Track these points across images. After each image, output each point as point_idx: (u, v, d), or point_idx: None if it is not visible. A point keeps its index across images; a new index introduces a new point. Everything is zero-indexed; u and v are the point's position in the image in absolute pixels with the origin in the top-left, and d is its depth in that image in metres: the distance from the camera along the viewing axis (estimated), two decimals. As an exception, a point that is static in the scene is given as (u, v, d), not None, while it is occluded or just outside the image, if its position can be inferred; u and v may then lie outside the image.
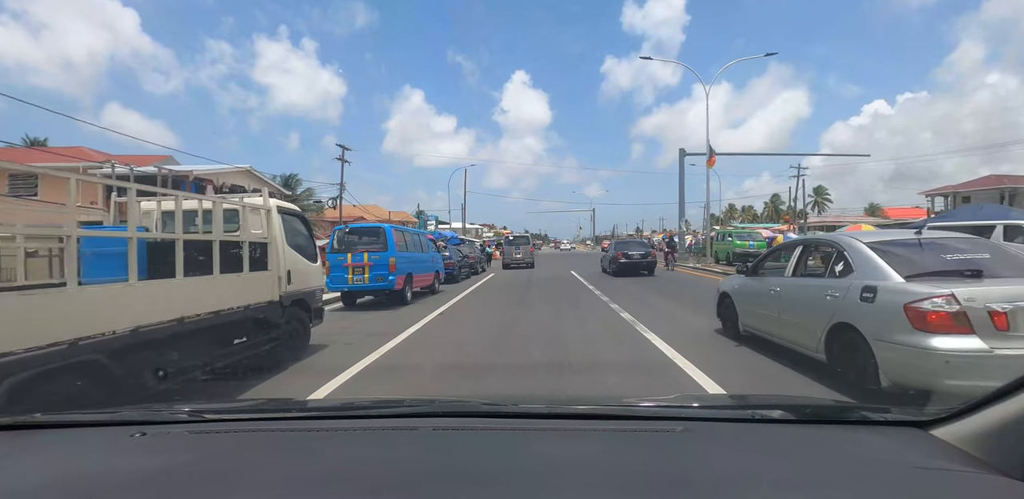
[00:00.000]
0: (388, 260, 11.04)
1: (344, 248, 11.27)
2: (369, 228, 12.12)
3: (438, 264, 14.74)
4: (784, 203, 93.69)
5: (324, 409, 1.64)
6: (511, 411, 1.39)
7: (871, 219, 60.37)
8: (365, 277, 10.97)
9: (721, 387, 4.49)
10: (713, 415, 1.36)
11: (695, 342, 6.52)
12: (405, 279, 11.53)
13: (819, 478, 0.92)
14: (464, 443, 1.15)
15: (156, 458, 1.07)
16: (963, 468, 0.92)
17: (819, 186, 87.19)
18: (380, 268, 11.00)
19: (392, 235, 11.45)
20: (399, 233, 12.10)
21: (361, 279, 10.99)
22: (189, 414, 1.40)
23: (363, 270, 10.99)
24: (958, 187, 42.51)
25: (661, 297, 12.37)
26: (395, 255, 11.18)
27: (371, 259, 10.98)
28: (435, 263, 14.33)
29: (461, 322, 9.04)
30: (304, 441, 1.19)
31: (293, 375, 5.38)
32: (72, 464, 1.07)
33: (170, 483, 0.94)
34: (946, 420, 1.09)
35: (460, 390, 4.79)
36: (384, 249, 11.16)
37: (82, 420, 1.37)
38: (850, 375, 4.09)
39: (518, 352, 6.28)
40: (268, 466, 1.02)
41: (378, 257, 11.02)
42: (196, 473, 0.99)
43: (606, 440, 1.14)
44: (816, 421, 1.25)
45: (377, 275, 10.96)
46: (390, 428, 1.29)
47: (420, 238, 13.95)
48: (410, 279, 11.90)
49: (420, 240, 13.83)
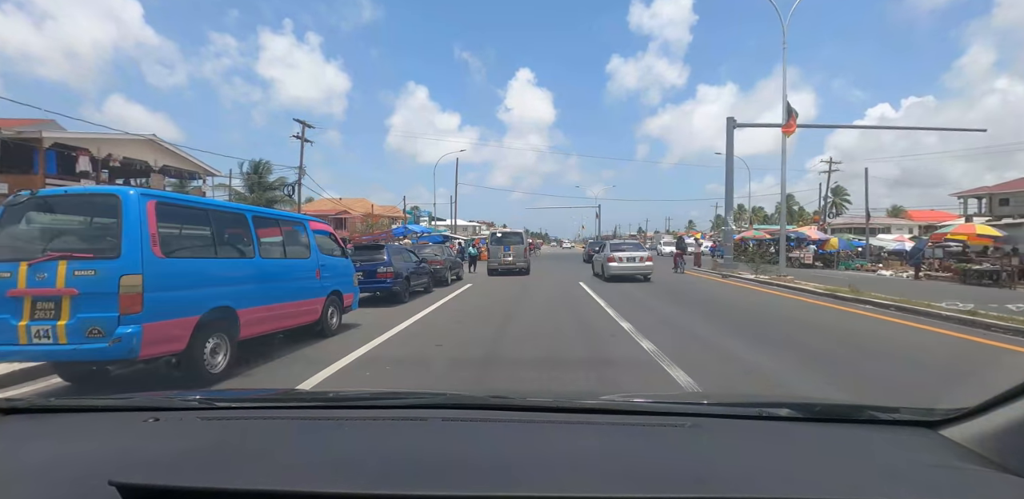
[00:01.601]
0: (118, 281, 4.19)
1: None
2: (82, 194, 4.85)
3: (341, 278, 7.80)
4: (798, 204, 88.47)
5: (334, 399, 1.56)
6: (519, 404, 1.36)
7: (895, 221, 55.14)
8: (55, 331, 4.13)
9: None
10: (721, 412, 1.33)
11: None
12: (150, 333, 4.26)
13: (828, 476, 0.92)
14: (473, 434, 1.16)
15: (169, 443, 1.09)
16: (974, 468, 0.92)
17: (838, 186, 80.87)
18: (95, 304, 4.17)
19: (135, 212, 4.34)
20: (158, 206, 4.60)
21: (46, 332, 4.15)
22: (200, 401, 1.39)
23: (53, 313, 4.17)
24: (993, 189, 40.23)
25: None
26: (141, 267, 4.29)
27: (75, 282, 4.16)
28: (328, 278, 7.38)
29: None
30: (314, 429, 1.19)
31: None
32: (87, 448, 1.08)
33: (182, 467, 0.94)
34: (956, 420, 1.08)
35: None
36: (114, 254, 4.29)
37: (97, 405, 1.39)
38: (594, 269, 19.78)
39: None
40: (278, 452, 1.04)
41: (94, 275, 4.19)
42: (208, 458, 0.99)
43: (614, 433, 1.15)
44: (825, 419, 1.23)
45: (89, 325, 4.13)
46: (400, 418, 1.25)
47: (291, 229, 6.97)
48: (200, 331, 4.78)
49: (291, 233, 6.91)
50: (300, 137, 33.91)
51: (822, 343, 6.79)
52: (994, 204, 39.93)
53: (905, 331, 7.67)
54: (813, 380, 4.95)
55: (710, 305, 10.69)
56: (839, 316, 9.28)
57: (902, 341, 6.90)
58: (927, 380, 5.00)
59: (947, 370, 5.48)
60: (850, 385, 4.79)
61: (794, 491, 0.84)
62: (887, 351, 6.29)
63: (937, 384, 4.84)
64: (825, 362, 5.74)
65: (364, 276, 10.70)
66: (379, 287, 10.82)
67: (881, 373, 5.30)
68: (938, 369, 5.50)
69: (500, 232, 22.39)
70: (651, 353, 5.91)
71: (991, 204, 40.45)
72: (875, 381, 4.98)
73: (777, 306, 10.57)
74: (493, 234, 22.72)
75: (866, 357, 6.01)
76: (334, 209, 52.20)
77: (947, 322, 8.12)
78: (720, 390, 4.52)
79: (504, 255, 20.14)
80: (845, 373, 5.25)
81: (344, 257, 8.04)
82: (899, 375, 5.21)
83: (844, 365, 5.63)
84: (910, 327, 7.94)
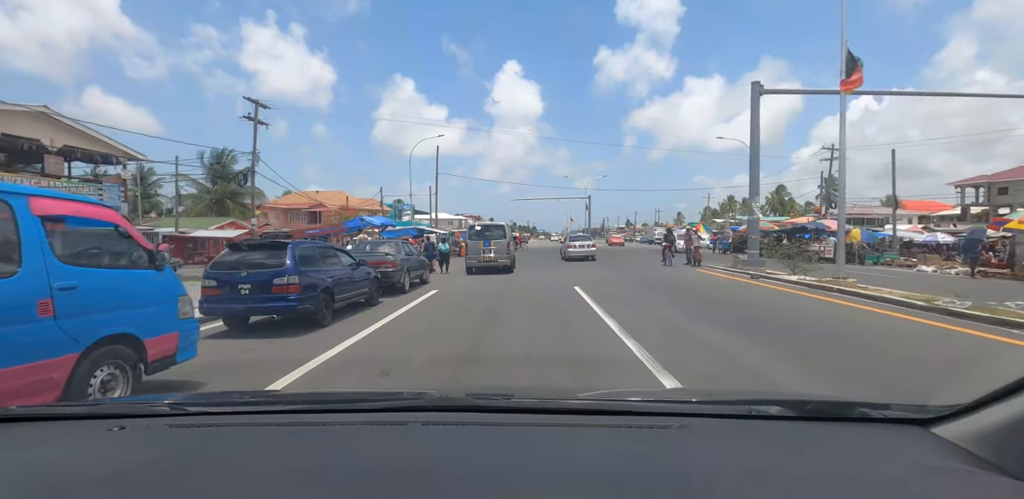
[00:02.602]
0: None
1: None
2: None
3: (140, 309, 4.05)
4: (789, 194, 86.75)
5: (310, 402, 1.49)
6: (503, 405, 1.32)
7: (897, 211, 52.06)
8: None
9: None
10: (709, 411, 1.29)
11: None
12: None
13: (819, 476, 0.90)
14: (454, 439, 1.11)
15: (134, 453, 1.03)
16: (966, 467, 0.90)
17: (830, 176, 78.72)
18: None
19: None
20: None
21: None
22: (171, 406, 1.34)
23: None
24: (993, 177, 39.32)
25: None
26: None
27: None
28: (90, 312, 3.62)
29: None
30: (288, 436, 1.15)
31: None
32: (45, 461, 1.02)
33: (147, 480, 0.90)
34: (948, 418, 1.06)
35: None
36: None
37: (59, 413, 1.36)
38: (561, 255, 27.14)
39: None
40: (251, 462, 0.99)
41: None
42: (176, 469, 0.95)
43: (601, 436, 1.11)
44: (815, 418, 1.20)
45: None
46: (378, 423, 1.21)
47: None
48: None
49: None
50: (252, 118, 29.82)
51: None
52: (992, 193, 39.35)
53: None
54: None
55: (787, 330, 7.11)
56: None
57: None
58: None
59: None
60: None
61: (786, 494, 0.83)
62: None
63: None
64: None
65: (253, 291, 6.97)
66: (276, 308, 7.09)
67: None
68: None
69: (480, 225, 19.15)
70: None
71: (989, 193, 39.87)
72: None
73: (898, 333, 6.94)
74: (472, 227, 19.72)
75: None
76: (308, 203, 48.07)
77: None
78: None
79: (484, 251, 17.49)
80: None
81: (154, 267, 4.28)
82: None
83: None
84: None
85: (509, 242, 18.20)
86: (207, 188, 47.95)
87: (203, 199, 47.69)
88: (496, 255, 17.41)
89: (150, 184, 50.21)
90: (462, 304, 10.01)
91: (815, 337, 6.58)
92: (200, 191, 49.23)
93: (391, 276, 11.44)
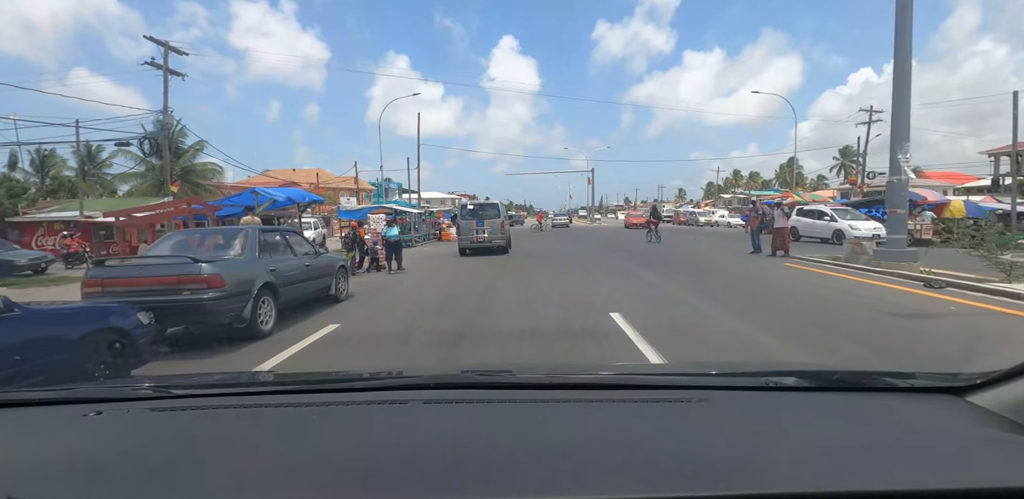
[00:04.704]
0: None
1: None
2: None
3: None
4: (801, 168, 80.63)
5: (302, 382, 1.44)
6: (509, 381, 1.27)
7: (925, 181, 44.20)
8: None
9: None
10: (730, 383, 1.22)
11: None
12: None
13: (853, 446, 0.83)
14: (458, 417, 1.05)
15: (109, 441, 0.95)
16: (1009, 434, 0.85)
17: (847, 146, 70.98)
18: None
19: None
20: None
21: None
22: (153, 389, 1.26)
23: None
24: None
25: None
26: None
27: None
28: None
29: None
30: (281, 417, 1.08)
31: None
32: (12, 449, 0.95)
33: (123, 470, 0.81)
34: (983, 386, 1.00)
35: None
36: None
37: (31, 398, 1.25)
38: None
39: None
40: (241, 447, 0.92)
41: None
42: (156, 457, 0.86)
43: (615, 412, 1.04)
44: (840, 388, 1.14)
45: None
46: (376, 402, 1.14)
47: None
48: None
49: None
50: (162, 66, 22.94)
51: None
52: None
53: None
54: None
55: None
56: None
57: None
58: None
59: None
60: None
61: (821, 468, 0.77)
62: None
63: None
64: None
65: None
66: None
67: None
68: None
69: (473, 204, 18.23)
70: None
71: (1021, 162, 33.55)
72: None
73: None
74: (464, 206, 18.38)
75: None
76: (281, 182, 41.95)
77: None
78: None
79: (477, 231, 16.61)
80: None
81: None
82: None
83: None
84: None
85: (504, 221, 17.11)
86: (151, 164, 41.12)
87: (147, 178, 40.95)
88: (490, 235, 16.58)
89: (98, 163, 43.67)
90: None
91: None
92: (146, 168, 42.45)
93: (205, 311, 4.98)
